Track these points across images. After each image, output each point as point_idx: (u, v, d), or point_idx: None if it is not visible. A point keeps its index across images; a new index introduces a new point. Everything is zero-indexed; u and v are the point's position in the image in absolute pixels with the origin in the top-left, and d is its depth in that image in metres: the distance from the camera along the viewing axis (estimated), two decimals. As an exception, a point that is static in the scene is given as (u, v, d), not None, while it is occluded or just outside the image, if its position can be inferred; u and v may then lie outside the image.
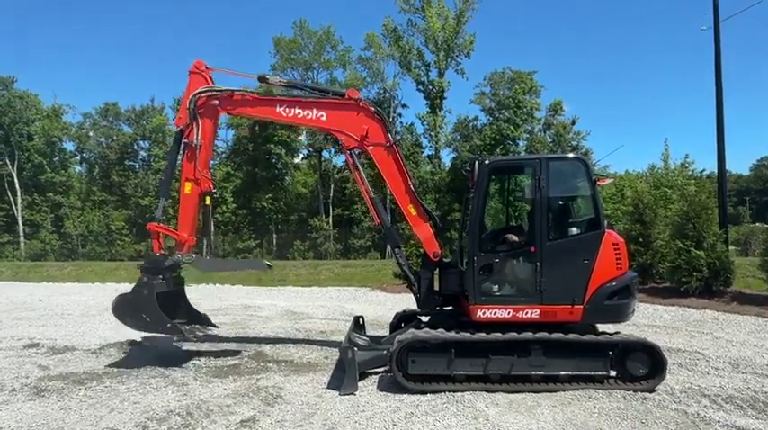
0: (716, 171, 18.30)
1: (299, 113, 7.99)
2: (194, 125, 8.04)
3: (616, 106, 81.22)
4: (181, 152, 8.31)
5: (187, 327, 8.07)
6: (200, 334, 8.28)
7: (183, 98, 8.24)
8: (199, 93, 8.06)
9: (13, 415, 5.89)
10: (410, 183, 7.70)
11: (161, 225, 8.30)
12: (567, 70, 73.38)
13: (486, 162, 6.92)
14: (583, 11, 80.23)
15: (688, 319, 11.98)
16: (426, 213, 7.71)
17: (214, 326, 8.86)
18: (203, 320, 8.72)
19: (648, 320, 11.83)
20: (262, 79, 8.75)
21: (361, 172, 7.96)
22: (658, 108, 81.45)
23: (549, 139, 37.76)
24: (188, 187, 8.18)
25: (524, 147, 37.35)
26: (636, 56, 79.61)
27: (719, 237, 14.47)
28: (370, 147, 7.76)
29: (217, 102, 8.16)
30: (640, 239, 16.41)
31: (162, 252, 8.23)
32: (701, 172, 33.88)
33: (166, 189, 8.76)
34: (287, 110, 8.04)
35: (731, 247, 19.19)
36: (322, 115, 7.92)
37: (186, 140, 8.14)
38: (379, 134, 7.76)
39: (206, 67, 8.29)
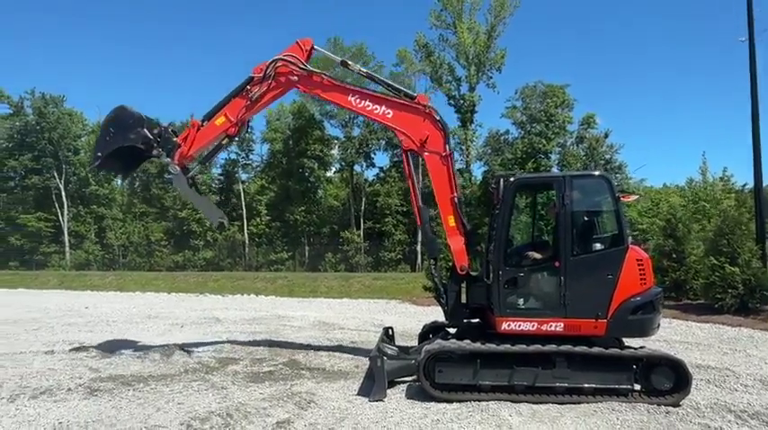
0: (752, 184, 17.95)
1: (368, 106, 8.33)
2: (264, 84, 8.51)
3: (652, 118, 79.59)
4: (240, 93, 8.72)
5: (101, 165, 9.09)
6: (100, 167, 9.13)
7: (277, 55, 8.64)
8: (285, 60, 8.51)
9: (71, 411, 6.43)
10: (456, 194, 7.90)
11: (200, 129, 8.79)
12: (601, 83, 72.45)
13: (511, 179, 7.19)
14: (616, 25, 79.32)
15: (722, 337, 11.81)
16: (463, 227, 7.92)
17: (122, 178, 9.78)
18: (123, 173, 10.04)
19: (681, 337, 11.73)
20: (344, 64, 9.19)
21: (414, 174, 8.24)
22: (697, 120, 79.42)
23: (582, 153, 37.45)
24: (220, 120, 8.69)
25: (556, 161, 37.15)
26: (673, 67, 78.16)
27: (755, 254, 14.21)
28: (427, 153, 8.00)
29: (296, 78, 8.59)
30: (673, 255, 16.25)
31: (179, 142, 8.81)
32: (743, 185, 33.08)
33: (214, 112, 8.92)
34: (357, 100, 8.39)
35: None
36: (389, 113, 8.23)
37: (249, 88, 8.60)
38: (439, 143, 8.01)
39: (312, 47, 8.74)
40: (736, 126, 77.36)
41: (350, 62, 9.19)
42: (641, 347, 6.95)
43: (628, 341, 7.26)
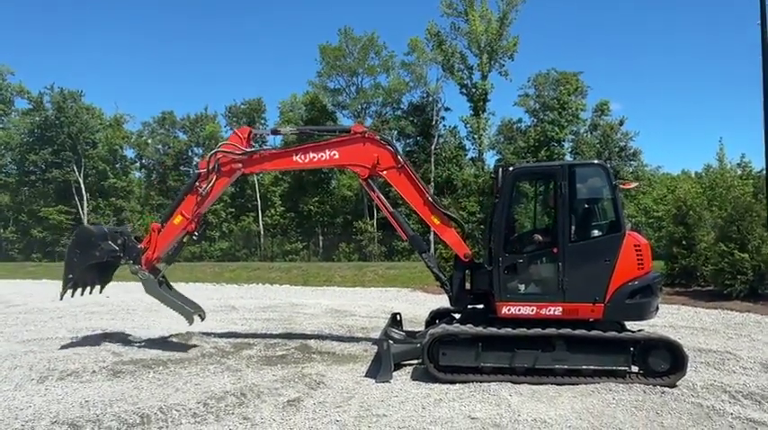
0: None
1: (314, 157, 8.60)
2: (210, 177, 8.76)
3: (671, 105, 78.33)
4: (191, 190, 9.00)
5: (75, 286, 9.15)
6: (74, 288, 9.20)
7: (215, 148, 9.04)
8: (223, 152, 8.81)
9: (96, 391, 6.86)
10: (427, 195, 8.23)
11: (160, 231, 9.06)
12: (618, 69, 71.42)
13: (510, 169, 7.41)
14: (632, 10, 77.96)
15: (729, 322, 11.91)
16: (450, 219, 8.22)
17: (100, 289, 9.87)
18: (100, 284, 9.82)
19: (687, 322, 11.86)
20: (275, 132, 9.96)
21: (379, 193, 8.60)
22: (717, 106, 77.89)
23: (596, 140, 37.23)
24: (178, 219, 8.98)
25: (570, 149, 36.99)
26: (692, 53, 76.59)
27: (765, 240, 14.21)
28: (384, 172, 8.35)
29: (240, 165, 8.84)
30: (683, 242, 16.28)
31: (143, 247, 9.07)
32: (759, 172, 32.66)
33: (171, 212, 9.26)
34: (302, 157, 8.66)
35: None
36: (335, 154, 8.52)
37: (198, 184, 8.85)
38: (389, 159, 8.34)
39: (249, 134, 9.03)
40: (756, 111, 75.73)
41: (279, 129, 9.86)
42: (640, 330, 7.16)
43: (629, 324, 7.45)
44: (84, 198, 43.06)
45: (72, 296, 9.30)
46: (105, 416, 5.92)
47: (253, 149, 9.00)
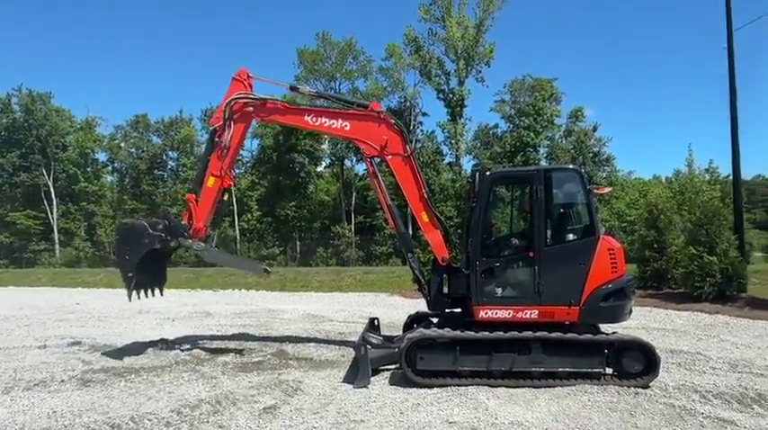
0: (743, 176, 18.35)
1: (325, 122, 8.60)
2: (227, 127, 8.72)
3: (643, 111, 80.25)
4: (213, 149, 8.91)
5: (137, 286, 8.83)
6: (137, 288, 8.92)
7: (222, 101, 8.90)
8: (236, 98, 8.73)
9: (65, 401, 6.65)
10: (424, 191, 8.20)
11: (197, 200, 8.89)
12: (591, 76, 72.92)
13: (487, 173, 7.47)
14: (605, 17, 79.77)
15: (698, 324, 12.19)
16: (438, 221, 8.25)
17: (160, 289, 9.70)
18: (159, 283, 9.63)
19: (659, 324, 12.09)
20: (293, 88, 9.56)
21: (380, 179, 8.54)
22: (687, 112, 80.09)
23: (570, 146, 37.85)
24: (211, 181, 8.87)
25: (545, 155, 37.55)
26: (663, 60, 78.70)
27: (732, 243, 14.62)
28: (389, 157, 8.30)
29: (251, 109, 8.80)
30: (654, 245, 16.62)
31: (186, 221, 8.86)
32: (726, 177, 33.63)
33: (200, 180, 9.14)
34: (314, 119, 8.64)
35: (760, 254, 19.11)
36: (346, 125, 8.51)
37: (218, 139, 8.81)
38: (398, 145, 8.30)
39: (248, 76, 8.92)
40: (725, 117, 78.09)
41: (299, 86, 9.56)
42: (613, 332, 7.27)
43: (603, 327, 7.56)
44: (54, 202, 42.02)
45: (138, 298, 8.99)
46: (74, 426, 5.75)
47: (268, 97, 8.93)
